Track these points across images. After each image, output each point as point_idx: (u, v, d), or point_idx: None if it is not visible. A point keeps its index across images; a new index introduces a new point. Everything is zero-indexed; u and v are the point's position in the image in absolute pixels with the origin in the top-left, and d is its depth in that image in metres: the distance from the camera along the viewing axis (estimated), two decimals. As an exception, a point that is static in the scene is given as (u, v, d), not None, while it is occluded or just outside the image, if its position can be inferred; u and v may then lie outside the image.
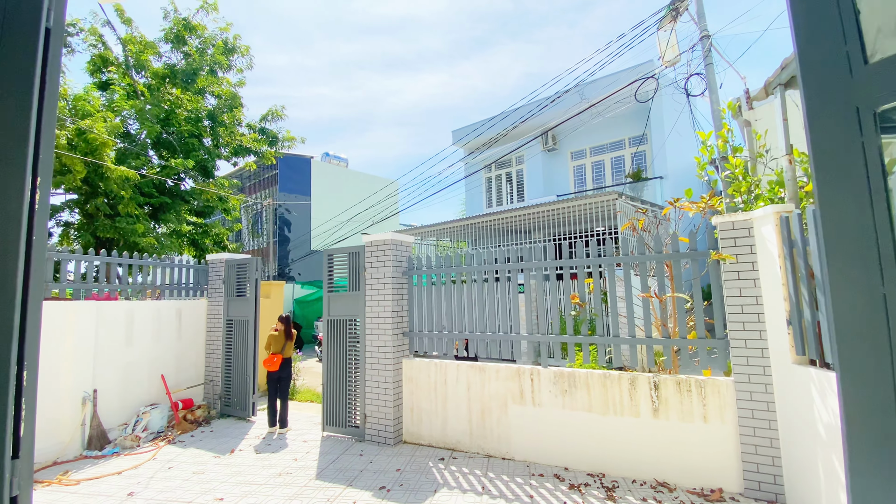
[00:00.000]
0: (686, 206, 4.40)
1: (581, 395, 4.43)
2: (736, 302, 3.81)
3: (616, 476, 4.17)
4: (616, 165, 13.47)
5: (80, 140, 8.40)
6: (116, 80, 11.19)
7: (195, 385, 7.08)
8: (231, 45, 12.62)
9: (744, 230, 3.82)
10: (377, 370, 5.43)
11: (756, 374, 3.70)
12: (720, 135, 4.25)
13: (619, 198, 8.76)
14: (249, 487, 4.27)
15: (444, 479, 4.27)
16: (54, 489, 4.36)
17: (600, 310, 4.50)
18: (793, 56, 3.69)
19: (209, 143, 12.16)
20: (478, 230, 13.13)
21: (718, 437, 3.84)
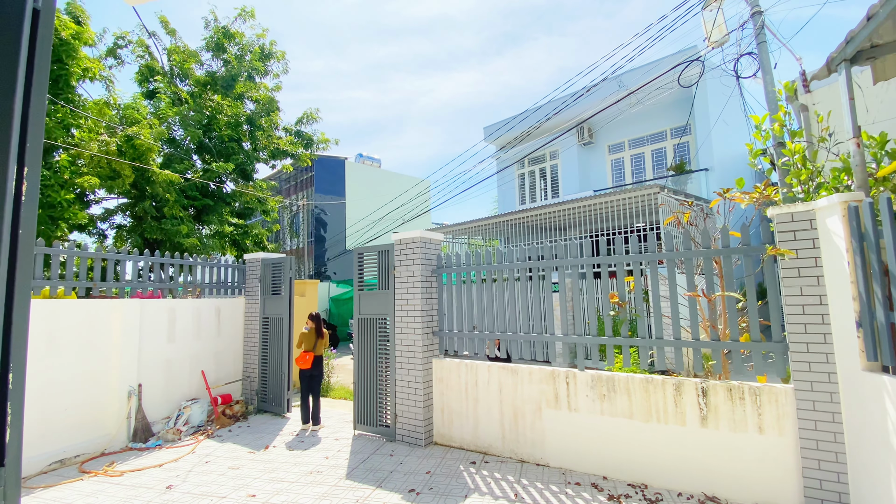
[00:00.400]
0: (738, 197, 4.04)
1: (621, 400, 4.17)
2: (796, 301, 3.45)
3: (659, 488, 3.90)
4: (657, 158, 12.85)
5: (128, 146, 8.83)
6: (162, 89, 11.73)
7: (234, 381, 7.27)
8: (267, 51, 12.97)
9: (805, 222, 3.46)
10: (407, 370, 5.36)
11: (820, 381, 3.34)
12: (776, 118, 3.87)
13: (661, 191, 8.31)
14: (281, 485, 4.29)
15: (476, 484, 4.14)
16: (100, 479, 4.54)
17: (642, 310, 4.22)
18: (860, 27, 3.30)
19: (248, 146, 12.56)
20: (511, 228, 12.87)
21: (775, 449, 3.50)
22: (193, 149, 11.71)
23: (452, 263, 5.47)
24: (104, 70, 9.67)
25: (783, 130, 3.81)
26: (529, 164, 15.83)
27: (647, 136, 12.95)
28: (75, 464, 4.99)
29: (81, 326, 5.31)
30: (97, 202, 10.65)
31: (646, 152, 13.06)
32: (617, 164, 13.77)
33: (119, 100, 9.98)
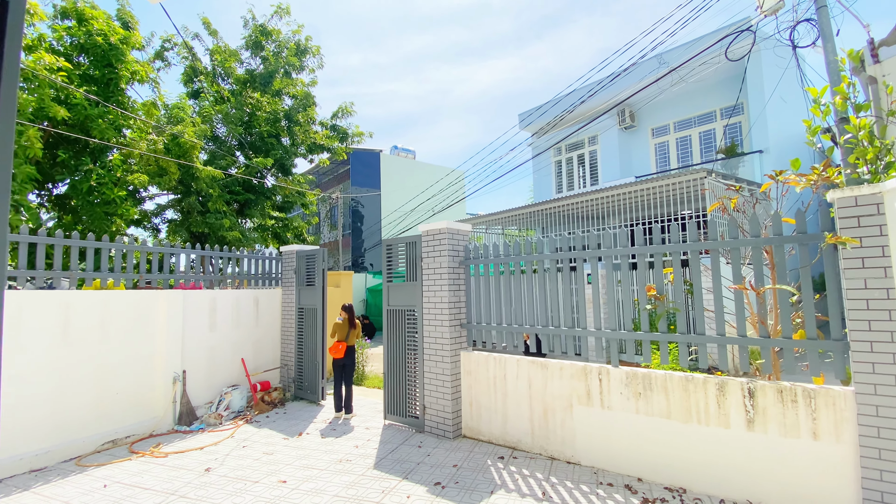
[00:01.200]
0: (793, 179, 3.66)
1: (658, 399, 3.93)
2: (859, 296, 3.09)
3: (699, 493, 3.65)
4: (705, 140, 12.05)
5: (173, 144, 9.25)
6: (206, 88, 12.20)
7: (272, 369, 7.53)
8: (303, 47, 13.17)
9: (871, 206, 3.08)
10: (435, 362, 5.31)
11: (885, 384, 2.98)
12: (838, 90, 3.45)
13: (708, 176, 7.76)
14: (311, 472, 4.38)
15: (503, 480, 4.04)
16: (147, 460, 4.82)
17: (683, 303, 3.94)
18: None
19: (287, 141, 12.87)
20: (546, 217, 12.52)
21: (831, 457, 3.17)
22: (235, 145, 12.13)
23: (480, 255, 5.35)
24: (152, 72, 10.14)
25: (846, 104, 3.39)
26: (567, 151, 15.31)
27: (694, 117, 12.16)
28: (126, 444, 5.32)
29: (129, 315, 5.63)
30: (150, 198, 11.30)
31: (692, 135, 12.27)
32: (661, 148, 13.05)
33: (165, 100, 10.47)
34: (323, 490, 3.96)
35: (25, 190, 7.06)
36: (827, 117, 3.44)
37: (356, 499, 3.77)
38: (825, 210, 3.34)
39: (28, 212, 7.53)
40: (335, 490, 3.95)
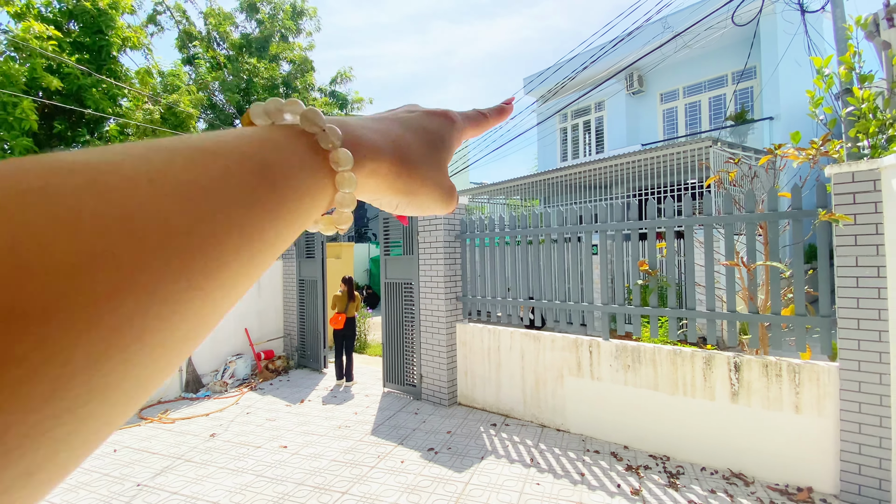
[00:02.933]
0: (791, 153, 3.57)
1: (646, 371, 4.01)
2: (849, 273, 3.08)
3: (682, 461, 3.78)
4: (715, 106, 11.66)
5: (170, 114, 9.14)
6: (201, 54, 11.90)
7: (275, 338, 7.73)
8: (299, 9, 12.72)
9: (868, 183, 3.02)
10: (431, 333, 5.42)
11: (869, 360, 3.02)
12: (843, 59, 3.30)
13: (714, 145, 7.57)
14: (311, 437, 4.57)
15: (493, 446, 4.21)
16: (155, 426, 5.05)
17: (673, 278, 3.95)
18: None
19: (285, 108, 12.66)
20: (550, 187, 12.37)
21: (812, 430, 3.25)
22: (233, 113, 11.96)
23: (476, 228, 5.34)
24: (145, 38, 9.88)
25: (851, 75, 3.25)
26: (573, 118, 14.93)
27: (705, 81, 11.72)
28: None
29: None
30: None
31: (702, 100, 11.88)
32: (669, 114, 12.67)
33: (160, 67, 10.26)
34: (321, 455, 4.15)
35: (24, 162, 7.06)
36: (830, 88, 3.31)
37: (353, 463, 3.95)
38: (822, 185, 3.27)
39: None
40: (333, 455, 4.14)
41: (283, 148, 0.25)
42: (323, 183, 0.26)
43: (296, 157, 0.25)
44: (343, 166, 0.27)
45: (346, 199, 0.28)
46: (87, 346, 0.14)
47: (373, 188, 0.31)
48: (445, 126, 0.37)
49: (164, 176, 0.18)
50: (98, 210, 0.15)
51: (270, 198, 0.22)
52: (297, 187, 0.24)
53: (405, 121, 0.35)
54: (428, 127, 0.36)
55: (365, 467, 3.87)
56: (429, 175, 0.34)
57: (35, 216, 0.14)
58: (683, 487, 3.39)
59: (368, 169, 0.29)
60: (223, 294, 0.20)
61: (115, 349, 0.15)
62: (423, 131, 0.35)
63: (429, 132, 0.36)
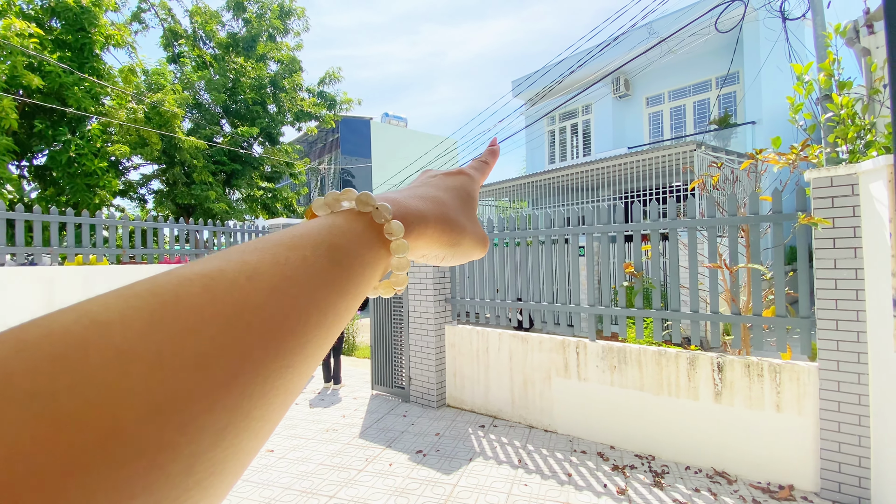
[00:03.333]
0: (772, 158, 3.65)
1: (632, 371, 4.06)
2: (828, 275, 3.16)
3: (667, 460, 3.83)
4: (700, 110, 11.88)
5: (154, 113, 9.01)
6: (186, 52, 11.75)
7: (262, 341, 7.63)
8: (287, 9, 12.64)
9: (846, 187, 3.09)
10: (420, 335, 5.42)
11: (848, 361, 3.09)
12: (823, 66, 3.39)
13: (698, 148, 7.70)
14: (298, 441, 4.53)
15: (482, 448, 4.21)
16: (138, 430, 4.96)
17: (658, 280, 4.00)
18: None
19: (273, 109, 12.55)
20: (539, 189, 12.46)
21: (793, 429, 3.32)
22: (219, 113, 11.83)
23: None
24: (129, 36, 9.73)
25: (830, 81, 3.34)
26: (561, 120, 15.06)
27: (690, 86, 11.93)
28: (118, 415, 5.45)
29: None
30: (135, 168, 11.08)
31: (687, 104, 12.08)
32: (655, 117, 12.86)
33: (144, 65, 10.10)
34: (309, 458, 4.11)
35: (4, 162, 6.90)
36: (810, 94, 3.40)
37: (340, 467, 3.92)
38: (801, 190, 3.35)
39: (11, 183, 7.38)
40: (320, 458, 4.11)
41: (346, 231, 0.28)
42: (380, 253, 0.30)
43: (356, 236, 0.29)
44: (396, 235, 0.30)
45: (402, 263, 0.32)
46: (213, 425, 0.17)
47: (423, 247, 0.36)
48: (467, 182, 0.43)
49: (259, 273, 0.21)
50: (215, 310, 0.19)
51: (340, 275, 0.26)
52: (360, 262, 0.28)
53: (437, 185, 0.40)
54: (456, 186, 0.41)
55: (353, 471, 3.84)
56: (467, 227, 0.39)
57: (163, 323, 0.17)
58: (668, 486, 3.43)
59: (417, 232, 0.34)
60: (307, 366, 0.23)
61: (231, 427, 0.18)
62: (454, 191, 0.40)
63: (458, 190, 0.41)
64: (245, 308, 0.20)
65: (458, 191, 0.41)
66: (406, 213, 0.33)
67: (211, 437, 0.17)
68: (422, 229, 0.34)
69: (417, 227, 0.33)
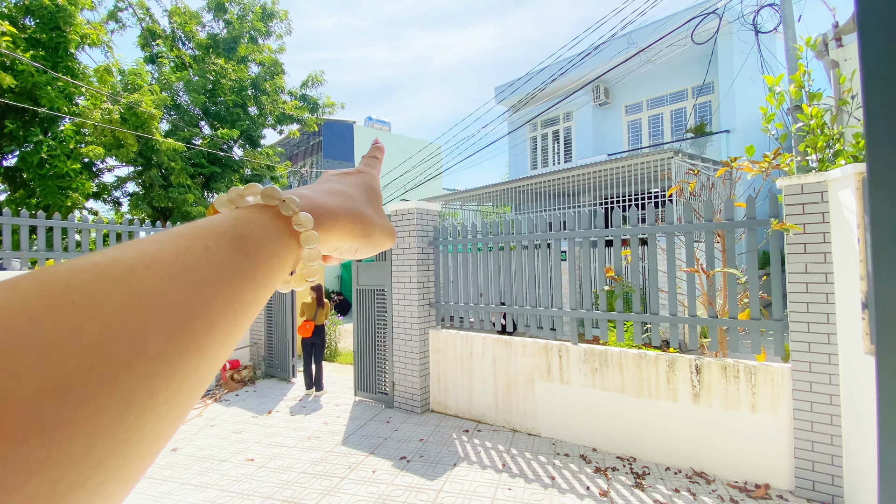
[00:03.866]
0: (746, 166, 3.78)
1: (613, 374, 4.12)
2: (800, 279, 3.27)
3: (648, 462, 3.89)
4: (677, 119, 12.19)
5: (130, 114, 8.78)
6: (164, 53, 11.52)
7: (242, 347, 7.48)
8: (269, 11, 12.52)
9: (815, 194, 3.22)
10: (404, 340, 5.39)
11: (819, 362, 3.20)
12: (794, 78, 3.53)
13: (675, 156, 7.90)
14: (279, 449, 4.44)
15: (466, 453, 4.21)
16: (111, 441, 4.79)
17: (637, 284, 4.08)
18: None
19: (254, 111, 12.39)
20: (521, 194, 12.57)
21: (768, 429, 3.42)
22: (198, 115, 11.61)
23: (449, 235, 5.37)
24: (105, 35, 9.48)
25: (801, 92, 3.48)
26: (543, 127, 15.26)
27: (667, 95, 12.24)
28: (90, 425, 5.26)
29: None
30: (109, 170, 10.77)
31: (664, 113, 12.39)
32: (634, 125, 13.14)
33: (121, 65, 9.86)
34: (290, 467, 4.04)
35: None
36: (781, 105, 3.53)
37: (323, 475, 3.86)
38: (774, 197, 3.46)
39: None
40: (302, 467, 4.04)
41: (251, 222, 0.29)
42: (289, 244, 0.31)
43: (262, 227, 0.29)
44: (305, 226, 0.31)
45: (312, 254, 0.33)
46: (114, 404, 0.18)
47: (335, 240, 0.37)
48: (368, 178, 0.45)
49: (159, 262, 0.22)
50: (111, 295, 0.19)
51: (245, 264, 0.26)
52: (267, 252, 0.29)
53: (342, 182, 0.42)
54: (359, 182, 0.43)
55: (335, 478, 3.79)
56: (376, 219, 0.41)
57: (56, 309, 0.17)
58: (649, 487, 3.48)
59: (328, 225, 0.34)
60: (215, 352, 0.23)
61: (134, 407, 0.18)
62: (359, 186, 0.42)
63: (363, 185, 0.43)
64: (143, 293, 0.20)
65: (362, 186, 0.42)
66: (315, 206, 0.33)
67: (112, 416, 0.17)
68: (332, 222, 0.35)
69: (328, 221, 0.34)
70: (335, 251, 0.39)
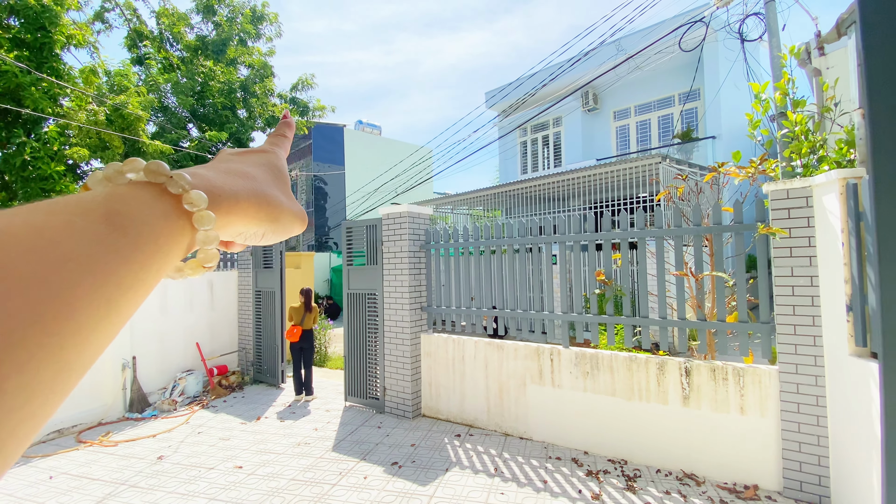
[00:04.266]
0: (732, 171, 3.84)
1: (604, 377, 4.14)
2: (786, 282, 3.33)
3: (639, 464, 3.91)
4: (664, 125, 12.37)
5: (117, 116, 8.65)
6: (152, 54, 11.39)
7: (230, 352, 7.38)
8: (259, 13, 12.46)
9: (801, 199, 3.28)
10: (395, 344, 5.36)
11: (805, 364, 3.26)
12: (778, 86, 3.61)
13: (663, 161, 8.01)
14: (268, 456, 4.38)
15: (458, 458, 4.19)
16: (95, 449, 4.68)
17: (627, 288, 4.12)
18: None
19: (243, 114, 12.28)
20: (512, 198, 12.63)
21: (756, 430, 3.46)
22: (186, 117, 11.48)
23: (441, 238, 5.37)
24: (91, 35, 9.33)
25: (785, 100, 3.56)
26: (533, 132, 15.37)
27: (654, 101, 12.42)
28: (73, 433, 5.13)
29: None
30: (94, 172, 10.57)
31: (652, 119, 12.56)
32: (622, 130, 13.30)
33: (107, 66, 9.71)
34: (280, 474, 3.98)
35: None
36: (767, 112, 3.60)
37: (313, 482, 3.81)
38: (760, 201, 3.53)
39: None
40: (292, 474, 3.98)
41: (129, 198, 0.26)
42: (179, 224, 0.28)
43: (144, 203, 0.26)
44: (198, 206, 0.28)
45: (209, 237, 0.29)
46: None
47: (237, 223, 0.33)
48: (273, 157, 0.41)
49: (6, 235, 0.20)
50: None
51: (122, 242, 0.23)
52: (150, 231, 0.25)
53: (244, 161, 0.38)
54: (263, 162, 0.39)
55: (326, 485, 3.74)
56: (284, 202, 0.37)
57: None
58: (640, 490, 3.50)
59: (226, 207, 0.31)
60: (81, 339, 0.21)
61: None
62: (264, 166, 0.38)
63: (268, 166, 0.39)
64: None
65: (267, 166, 0.39)
66: (211, 186, 0.30)
67: None
68: (232, 204, 0.32)
69: (227, 202, 0.31)
70: (239, 236, 0.35)
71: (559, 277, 4.56)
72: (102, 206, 0.24)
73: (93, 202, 0.24)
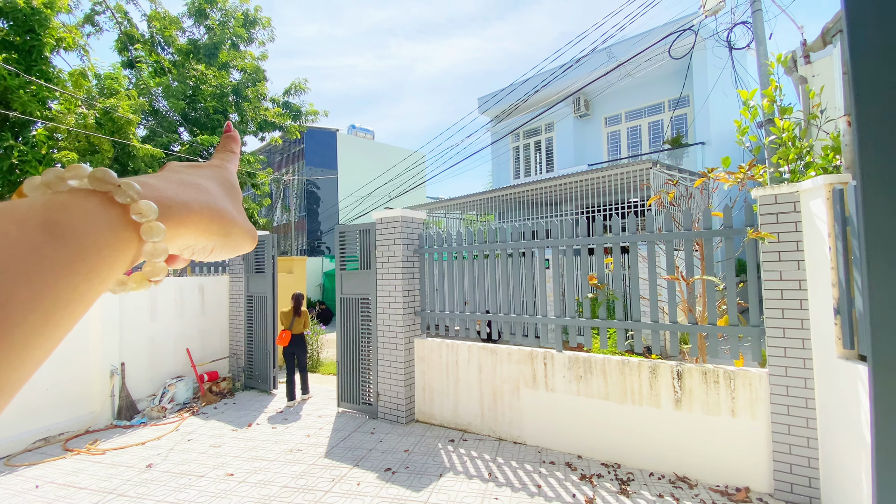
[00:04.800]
0: (722, 177, 3.90)
1: (597, 381, 4.16)
2: (775, 286, 3.37)
3: (632, 468, 3.92)
4: (654, 131, 12.53)
5: (106, 119, 8.57)
6: (143, 58, 11.31)
7: (220, 358, 7.30)
8: (252, 18, 12.44)
9: (788, 204, 3.34)
10: (388, 349, 5.34)
11: (795, 366, 3.30)
12: (766, 93, 3.68)
13: (654, 167, 8.10)
14: (260, 463, 4.33)
15: (452, 463, 4.17)
16: (82, 458, 4.59)
17: (619, 291, 4.15)
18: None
19: (235, 118, 12.23)
20: (504, 203, 12.68)
21: (747, 433, 3.49)
22: (178, 121, 11.40)
23: (434, 243, 5.37)
24: (81, 38, 9.26)
25: (773, 107, 3.63)
26: (525, 137, 15.48)
27: (645, 107, 12.58)
28: (59, 441, 5.04)
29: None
30: (83, 176, 10.43)
31: (643, 125, 12.72)
32: (613, 136, 13.45)
33: (97, 69, 9.63)
34: (272, 482, 3.94)
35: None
36: (755, 119, 3.67)
37: (305, 489, 3.77)
38: (749, 206, 3.58)
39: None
40: (284, 481, 3.94)
41: (70, 207, 0.24)
42: (125, 235, 0.27)
43: (86, 213, 0.25)
44: (147, 217, 0.27)
45: (157, 250, 0.28)
46: None
47: (187, 236, 0.32)
48: (225, 172, 0.40)
49: None
50: None
51: (61, 253, 0.22)
52: (93, 242, 0.24)
53: (195, 173, 0.36)
54: (215, 176, 0.38)
55: (319, 492, 3.71)
56: (237, 217, 0.37)
57: None
58: (634, 493, 3.51)
59: (177, 219, 0.30)
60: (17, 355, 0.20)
61: None
62: (216, 179, 0.37)
63: (220, 179, 0.38)
64: None
65: (219, 180, 0.38)
66: (161, 196, 0.29)
67: None
68: (184, 215, 0.31)
69: (178, 213, 0.30)
70: (186, 249, 0.34)
71: (552, 282, 4.58)
72: (40, 215, 0.23)
73: (29, 210, 0.23)
